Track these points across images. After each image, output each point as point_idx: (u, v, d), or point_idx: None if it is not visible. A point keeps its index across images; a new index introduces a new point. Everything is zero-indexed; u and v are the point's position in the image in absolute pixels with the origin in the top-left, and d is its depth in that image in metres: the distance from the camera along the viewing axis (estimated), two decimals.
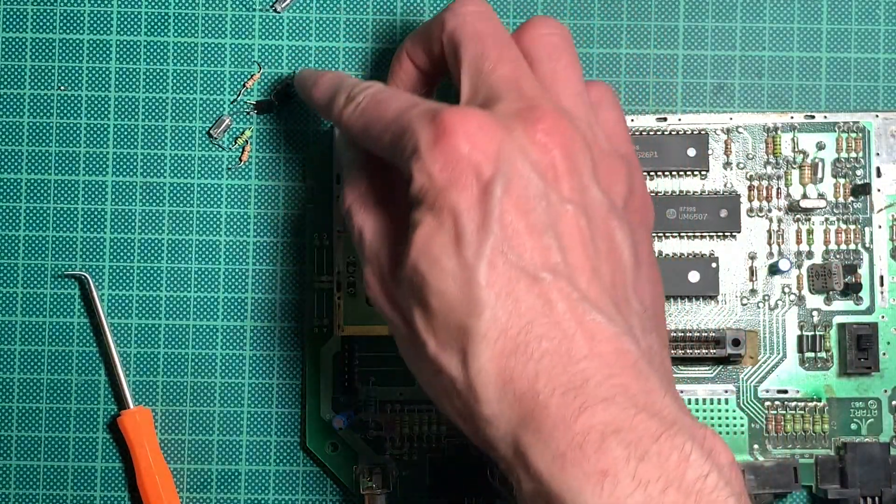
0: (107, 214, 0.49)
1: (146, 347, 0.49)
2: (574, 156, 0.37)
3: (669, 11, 0.49)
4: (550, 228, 0.36)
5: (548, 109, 0.37)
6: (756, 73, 0.49)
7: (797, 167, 0.48)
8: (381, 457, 0.48)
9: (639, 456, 0.33)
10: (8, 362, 0.49)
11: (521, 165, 0.36)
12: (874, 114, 0.48)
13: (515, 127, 0.37)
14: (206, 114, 0.49)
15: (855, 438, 0.47)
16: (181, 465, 0.49)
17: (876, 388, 0.47)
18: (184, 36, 0.49)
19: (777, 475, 0.46)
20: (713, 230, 0.48)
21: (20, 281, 0.49)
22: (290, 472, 0.49)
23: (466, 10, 0.41)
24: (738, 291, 0.48)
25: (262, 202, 0.49)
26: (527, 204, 0.36)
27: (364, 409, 0.48)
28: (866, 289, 0.48)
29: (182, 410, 0.49)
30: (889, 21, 0.49)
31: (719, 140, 0.48)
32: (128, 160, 0.49)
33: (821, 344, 0.47)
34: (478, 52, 0.39)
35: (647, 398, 0.34)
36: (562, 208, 0.36)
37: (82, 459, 0.49)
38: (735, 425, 0.47)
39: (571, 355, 0.34)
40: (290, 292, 0.49)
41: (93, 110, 0.49)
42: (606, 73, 0.49)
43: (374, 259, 0.40)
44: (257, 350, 0.49)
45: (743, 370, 0.48)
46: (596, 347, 0.35)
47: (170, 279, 0.49)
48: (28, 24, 0.49)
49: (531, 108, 0.37)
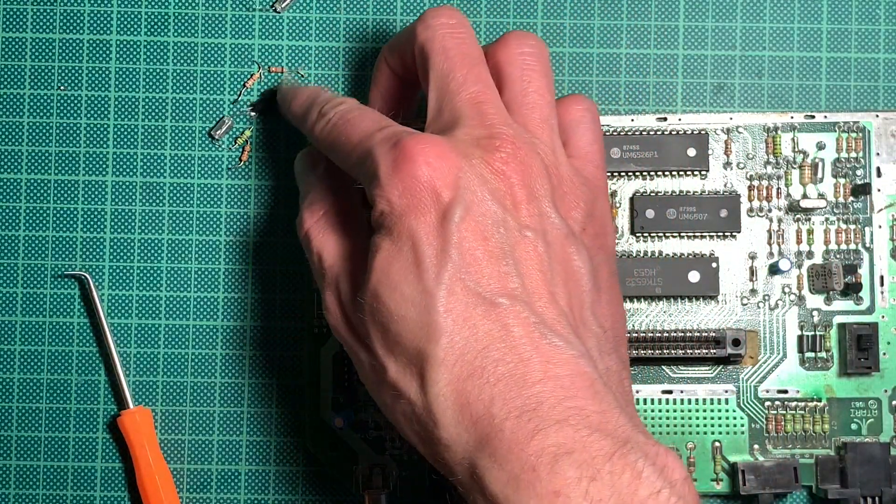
0: (107, 214, 0.49)
1: (146, 347, 0.49)
2: (532, 183, 0.38)
3: (669, 11, 0.49)
4: (508, 254, 0.37)
5: (508, 137, 0.38)
6: (756, 73, 0.49)
7: (797, 167, 0.48)
8: (381, 457, 0.48)
9: (590, 476, 0.33)
10: (8, 362, 0.49)
11: (479, 193, 0.37)
12: (874, 114, 0.48)
13: (475, 154, 0.38)
14: (206, 114, 0.49)
15: (855, 438, 0.47)
16: (181, 465, 0.49)
17: (876, 388, 0.47)
18: (184, 36, 0.49)
19: (777, 475, 0.47)
20: (713, 230, 0.48)
21: (20, 281, 0.49)
22: (290, 472, 0.49)
23: (437, 23, 0.41)
24: (738, 291, 0.48)
25: (261, 202, 0.49)
26: (485, 230, 0.37)
27: (364, 409, 0.48)
28: (866, 289, 0.48)
29: (182, 410, 0.49)
30: (889, 21, 0.49)
31: (719, 140, 0.48)
32: (128, 160, 0.49)
33: (821, 344, 0.47)
34: (445, 70, 0.40)
35: (601, 418, 0.35)
36: (520, 234, 0.37)
37: (82, 459, 0.49)
38: (735, 425, 0.47)
39: (527, 379, 0.35)
40: (290, 292, 0.49)
41: (93, 110, 0.49)
42: (606, 72, 0.49)
43: (334, 283, 0.41)
44: (257, 350, 0.49)
45: (743, 370, 0.48)
46: (551, 371, 0.35)
47: (170, 279, 0.49)
48: (28, 24, 0.49)
49: (491, 135, 0.38)
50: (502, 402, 0.35)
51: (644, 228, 0.48)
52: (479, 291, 0.36)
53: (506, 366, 0.35)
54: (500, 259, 0.37)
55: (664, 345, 0.46)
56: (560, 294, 0.38)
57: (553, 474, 0.33)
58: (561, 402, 0.35)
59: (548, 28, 0.49)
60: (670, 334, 0.47)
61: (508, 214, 0.37)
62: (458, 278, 0.36)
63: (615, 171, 0.48)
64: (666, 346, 0.46)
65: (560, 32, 0.49)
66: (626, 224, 0.48)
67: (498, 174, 0.38)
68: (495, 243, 0.37)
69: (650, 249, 0.48)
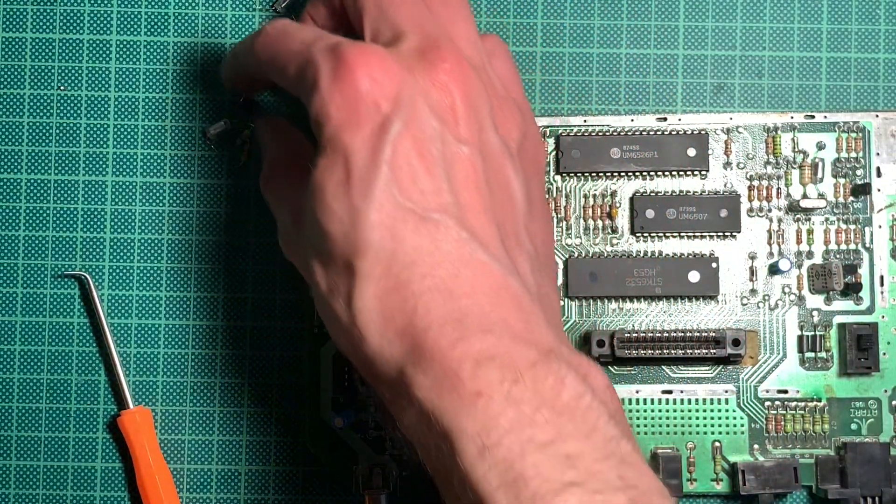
0: (107, 214, 0.49)
1: (146, 347, 0.49)
2: (473, 99, 0.38)
3: (669, 11, 0.49)
4: (444, 170, 0.36)
5: (450, 51, 0.38)
6: (756, 73, 0.49)
7: (797, 167, 0.48)
8: (381, 457, 0.48)
9: (513, 379, 0.33)
10: (8, 362, 0.49)
11: (420, 107, 0.36)
12: (874, 114, 0.48)
13: (417, 67, 0.37)
14: (206, 114, 0.49)
15: (855, 438, 0.47)
16: (181, 465, 0.49)
17: (876, 388, 0.47)
18: (184, 36, 0.49)
19: (777, 475, 0.47)
20: (713, 230, 0.48)
21: (20, 281, 0.49)
22: (290, 472, 0.49)
23: None
24: (738, 291, 0.48)
25: (261, 202, 0.49)
26: (422, 145, 0.36)
27: (364, 409, 0.48)
28: (866, 289, 0.48)
29: (182, 410, 0.49)
30: (889, 21, 0.49)
31: (719, 140, 0.48)
32: (128, 160, 0.49)
33: (821, 344, 0.47)
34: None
35: (526, 330, 0.35)
36: (457, 149, 0.37)
37: (82, 459, 0.49)
38: (735, 425, 0.47)
39: (453, 293, 0.35)
40: (290, 292, 0.49)
41: (93, 110, 0.49)
42: (606, 72, 0.49)
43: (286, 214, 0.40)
44: (257, 350, 0.49)
45: (743, 370, 0.48)
46: (479, 285, 0.35)
47: (170, 279, 0.49)
48: (28, 24, 0.49)
49: (434, 47, 0.37)
50: (426, 313, 0.35)
51: (644, 228, 0.48)
52: (409, 207, 0.36)
53: (432, 280, 0.35)
54: (434, 174, 0.36)
55: (664, 345, 0.46)
56: (495, 211, 0.37)
57: (475, 377, 0.34)
58: (486, 314, 0.35)
59: (548, 28, 0.49)
60: (670, 334, 0.47)
61: (447, 129, 0.37)
62: (389, 193, 0.36)
63: (615, 171, 0.48)
64: (666, 346, 0.46)
65: (560, 32, 0.49)
66: (626, 224, 0.48)
67: (440, 87, 0.37)
68: (431, 158, 0.36)
69: (650, 249, 0.48)
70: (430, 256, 0.35)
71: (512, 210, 0.38)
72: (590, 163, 0.48)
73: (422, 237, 0.36)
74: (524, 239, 0.39)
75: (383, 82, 0.36)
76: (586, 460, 0.33)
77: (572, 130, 0.48)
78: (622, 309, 0.48)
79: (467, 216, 0.36)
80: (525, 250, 0.38)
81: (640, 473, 0.34)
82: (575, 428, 0.33)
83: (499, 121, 0.39)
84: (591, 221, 0.48)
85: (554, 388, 0.34)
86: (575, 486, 0.32)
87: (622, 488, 0.33)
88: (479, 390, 0.33)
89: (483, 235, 0.36)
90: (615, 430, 0.34)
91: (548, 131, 0.48)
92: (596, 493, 0.32)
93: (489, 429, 0.33)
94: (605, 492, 0.32)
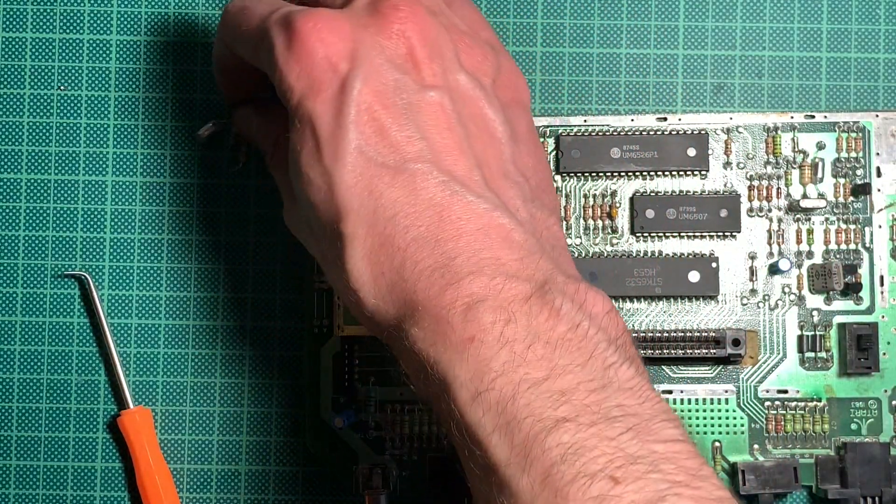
0: (107, 214, 0.49)
1: (146, 347, 0.49)
2: (433, 41, 0.37)
3: (669, 11, 0.49)
4: (411, 118, 0.36)
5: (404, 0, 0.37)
6: (756, 73, 0.49)
7: (797, 167, 0.48)
8: (381, 457, 0.48)
9: (505, 319, 0.33)
10: (8, 362, 0.49)
11: (377, 60, 0.36)
12: (874, 114, 0.48)
13: (369, 23, 0.37)
14: (206, 114, 0.49)
15: (855, 438, 0.47)
16: (181, 465, 0.49)
17: (876, 388, 0.47)
18: (184, 36, 0.49)
19: (777, 475, 0.46)
20: (713, 230, 0.48)
21: (20, 281, 0.49)
22: (290, 472, 0.49)
23: None
24: (738, 291, 0.48)
25: (261, 202, 0.49)
26: (384, 98, 0.36)
27: (364, 409, 0.48)
28: (866, 289, 0.48)
29: (182, 410, 0.49)
30: (889, 21, 0.49)
31: (719, 140, 0.48)
32: (128, 160, 0.49)
33: (821, 344, 0.47)
34: None
35: (519, 265, 0.35)
36: (423, 95, 0.37)
37: (82, 459, 0.49)
38: (735, 425, 0.47)
39: (438, 238, 0.35)
40: (290, 292, 0.49)
41: (93, 110, 0.49)
42: (606, 72, 0.49)
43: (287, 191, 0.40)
44: (257, 350, 0.49)
45: (743, 370, 0.48)
46: (464, 227, 0.35)
47: (170, 279, 0.49)
48: (28, 24, 0.49)
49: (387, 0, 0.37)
50: (413, 265, 0.35)
51: (644, 228, 0.48)
52: (382, 161, 0.36)
53: (416, 230, 0.35)
54: (402, 124, 0.36)
55: (664, 345, 0.46)
56: (474, 148, 0.37)
57: (466, 322, 0.33)
58: (475, 254, 0.35)
59: (548, 28, 0.49)
60: (670, 334, 0.47)
61: (409, 77, 0.37)
62: (359, 152, 0.36)
63: (615, 171, 0.48)
64: (666, 346, 0.47)
65: (560, 32, 0.49)
66: (626, 224, 0.48)
67: (397, 36, 0.37)
68: (396, 109, 0.36)
69: (650, 249, 0.48)
70: (411, 207, 0.35)
71: (494, 146, 0.38)
72: (590, 163, 0.48)
73: (399, 189, 0.35)
74: (512, 172, 0.38)
75: (336, 43, 0.36)
76: (580, 392, 0.32)
77: (572, 130, 0.48)
78: (622, 309, 0.48)
79: (443, 159, 0.36)
80: (514, 183, 0.38)
81: (641, 399, 0.33)
82: (570, 360, 0.33)
83: (467, 60, 0.38)
84: (591, 221, 0.48)
85: (548, 321, 0.33)
86: (568, 422, 0.31)
87: (620, 417, 0.32)
88: (470, 335, 0.33)
89: (462, 175, 0.36)
90: (615, 356, 0.33)
91: (548, 131, 0.48)
92: (590, 425, 0.31)
93: (482, 373, 0.33)
94: (600, 423, 0.31)
